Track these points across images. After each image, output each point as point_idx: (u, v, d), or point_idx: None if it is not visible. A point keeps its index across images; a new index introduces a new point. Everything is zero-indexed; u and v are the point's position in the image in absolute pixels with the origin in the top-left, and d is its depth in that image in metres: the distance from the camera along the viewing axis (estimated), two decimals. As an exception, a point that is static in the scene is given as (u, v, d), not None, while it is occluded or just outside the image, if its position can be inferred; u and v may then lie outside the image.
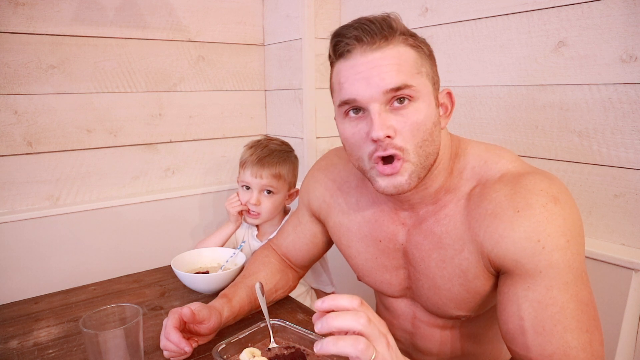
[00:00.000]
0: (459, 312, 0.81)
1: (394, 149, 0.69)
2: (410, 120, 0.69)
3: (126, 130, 1.57)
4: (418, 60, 0.71)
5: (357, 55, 0.69)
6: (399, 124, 0.69)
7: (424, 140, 0.70)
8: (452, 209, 0.77)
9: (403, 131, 0.69)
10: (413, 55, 0.70)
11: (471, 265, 0.75)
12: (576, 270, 0.67)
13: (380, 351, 0.56)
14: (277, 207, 1.29)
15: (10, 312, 0.99)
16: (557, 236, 0.66)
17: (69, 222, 1.45)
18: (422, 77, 0.71)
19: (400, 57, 0.69)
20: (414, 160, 0.71)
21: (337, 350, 0.55)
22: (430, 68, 0.73)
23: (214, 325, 0.84)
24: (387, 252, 0.86)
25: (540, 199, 0.67)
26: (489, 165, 0.75)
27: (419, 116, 0.70)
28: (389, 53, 0.69)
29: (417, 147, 0.70)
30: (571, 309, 0.65)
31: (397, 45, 0.69)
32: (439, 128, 0.73)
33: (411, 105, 0.69)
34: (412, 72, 0.69)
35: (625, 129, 0.99)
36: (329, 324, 0.56)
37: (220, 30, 1.72)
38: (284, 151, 1.31)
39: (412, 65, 0.70)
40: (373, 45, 0.69)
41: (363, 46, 0.69)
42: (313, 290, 1.40)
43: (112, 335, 0.70)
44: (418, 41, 0.72)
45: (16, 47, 1.34)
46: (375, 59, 0.68)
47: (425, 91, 0.71)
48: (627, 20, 0.96)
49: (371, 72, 0.68)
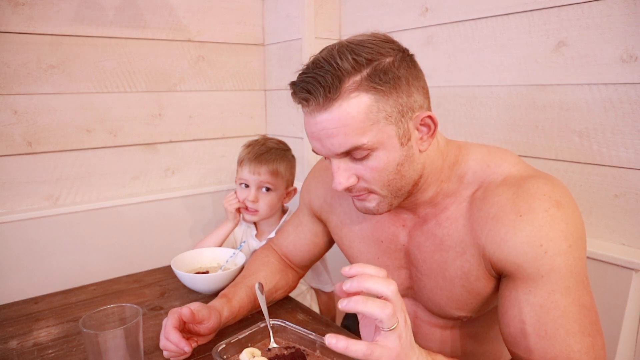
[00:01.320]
0: (460, 313, 0.81)
1: (358, 191, 0.73)
2: (370, 168, 0.70)
3: (126, 130, 1.57)
4: (373, 106, 0.66)
5: (308, 114, 0.70)
6: (360, 171, 0.71)
7: (390, 180, 0.71)
8: (454, 211, 0.76)
9: (365, 177, 0.71)
10: (366, 105, 0.66)
11: (473, 267, 0.74)
12: (578, 274, 0.67)
13: (400, 323, 0.57)
14: (275, 204, 1.29)
15: (10, 312, 0.99)
16: (560, 241, 0.66)
17: (69, 222, 1.45)
18: (379, 125, 0.67)
19: (348, 116, 0.66)
20: (384, 193, 0.73)
21: (365, 308, 0.55)
22: (394, 104, 0.67)
23: (214, 326, 0.84)
24: (389, 253, 0.86)
25: (543, 204, 0.67)
26: (492, 168, 0.75)
27: (379, 164, 0.70)
28: (335, 114, 0.66)
29: (383, 186, 0.72)
30: (573, 313, 0.65)
31: (346, 99, 0.65)
32: (410, 161, 0.71)
33: (371, 156, 0.69)
34: (364, 127, 0.67)
35: (626, 129, 0.99)
36: (360, 283, 0.57)
37: (220, 30, 1.72)
38: (282, 149, 1.31)
39: (362, 120, 0.66)
40: (319, 105, 0.67)
41: (310, 107, 0.68)
42: (312, 289, 1.40)
43: (112, 335, 0.70)
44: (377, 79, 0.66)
45: (16, 47, 1.34)
46: (322, 121, 0.68)
47: (384, 138, 0.68)
48: (628, 20, 0.96)
49: (321, 134, 0.69)
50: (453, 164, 0.77)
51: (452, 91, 1.32)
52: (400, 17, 1.43)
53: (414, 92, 0.70)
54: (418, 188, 0.76)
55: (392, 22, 1.46)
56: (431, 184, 0.77)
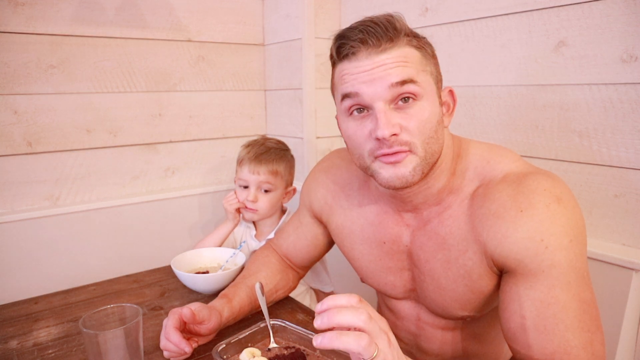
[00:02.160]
0: (464, 313, 0.81)
1: (400, 145, 0.69)
2: (416, 117, 0.69)
3: (126, 130, 1.57)
4: (422, 60, 0.72)
5: (363, 57, 0.69)
6: (405, 120, 0.69)
7: (430, 138, 0.71)
8: (456, 209, 0.77)
9: (409, 127, 0.69)
10: (418, 55, 0.71)
11: (475, 265, 0.75)
12: (578, 270, 0.67)
13: (381, 348, 0.55)
14: (275, 204, 1.30)
15: (10, 312, 0.99)
16: (560, 236, 0.66)
17: (69, 222, 1.45)
18: (427, 76, 0.72)
19: (406, 56, 0.70)
20: (421, 154, 0.70)
21: (340, 344, 0.53)
22: (434, 67, 0.74)
23: (214, 326, 0.84)
24: (391, 254, 0.86)
25: (544, 199, 0.67)
26: (492, 165, 0.75)
27: (424, 114, 0.70)
28: (395, 53, 0.69)
29: (423, 143, 0.70)
30: (573, 309, 0.65)
31: (402, 46, 0.70)
32: (442, 126, 0.74)
33: (416, 104, 0.70)
34: (418, 70, 0.70)
35: (626, 128, 0.99)
36: (330, 319, 0.55)
37: (220, 30, 1.72)
38: (281, 149, 1.32)
39: (417, 64, 0.71)
40: (379, 47, 0.69)
41: (368, 49, 0.69)
42: (312, 290, 1.40)
43: (112, 335, 0.70)
44: (421, 42, 0.73)
45: (16, 47, 1.34)
46: (381, 60, 0.69)
47: (429, 89, 0.71)
48: (628, 20, 0.96)
49: (377, 71, 0.68)
50: (457, 156, 0.78)
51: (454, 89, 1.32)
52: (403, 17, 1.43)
53: (439, 69, 0.76)
54: (434, 170, 0.75)
55: (392, 22, 1.45)
56: (443, 171, 0.77)
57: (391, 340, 0.58)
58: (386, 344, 0.56)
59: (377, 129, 0.68)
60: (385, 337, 0.57)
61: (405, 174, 0.70)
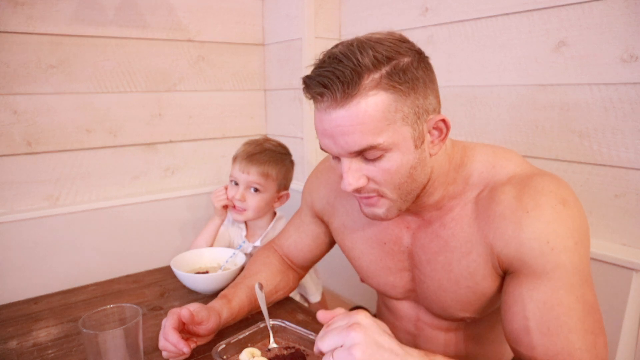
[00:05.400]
0: (464, 314, 0.81)
1: (368, 192, 0.72)
2: (382, 170, 0.68)
3: (126, 130, 1.57)
4: (391, 105, 0.65)
5: (322, 110, 0.67)
6: (371, 172, 0.69)
7: (401, 183, 0.70)
8: (459, 212, 0.76)
9: (376, 179, 0.70)
10: (384, 104, 0.65)
11: (479, 267, 0.74)
12: (582, 272, 0.67)
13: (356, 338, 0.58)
14: (263, 207, 1.26)
15: (10, 313, 0.99)
16: (566, 237, 0.66)
17: (69, 222, 1.44)
18: (395, 125, 0.66)
19: (365, 114, 0.64)
20: (393, 197, 0.72)
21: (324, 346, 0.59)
22: (412, 105, 0.66)
23: (213, 327, 0.83)
24: (392, 254, 0.86)
25: (550, 200, 0.67)
26: (497, 169, 0.75)
27: (393, 166, 0.68)
28: (352, 111, 0.64)
29: (394, 189, 0.71)
30: (577, 311, 0.65)
31: (365, 96, 0.64)
32: (422, 165, 0.71)
33: (383, 158, 0.68)
34: (381, 127, 0.65)
35: (626, 128, 0.99)
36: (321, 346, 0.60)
37: (220, 30, 1.71)
38: (279, 152, 1.28)
39: (379, 119, 0.65)
40: (335, 101, 0.65)
41: (325, 103, 0.66)
42: (300, 294, 1.38)
43: (112, 335, 0.70)
44: (397, 78, 0.65)
45: (15, 47, 1.34)
46: (338, 118, 0.65)
47: (399, 140, 0.67)
48: (628, 20, 0.96)
49: (335, 132, 0.66)
50: (459, 165, 0.77)
51: (452, 91, 1.32)
52: (401, 17, 1.43)
53: (430, 95, 0.69)
54: (425, 192, 0.76)
55: (392, 21, 1.46)
56: (438, 188, 0.76)
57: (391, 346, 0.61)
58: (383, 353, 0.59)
59: (341, 183, 0.70)
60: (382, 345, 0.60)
61: (380, 214, 0.74)
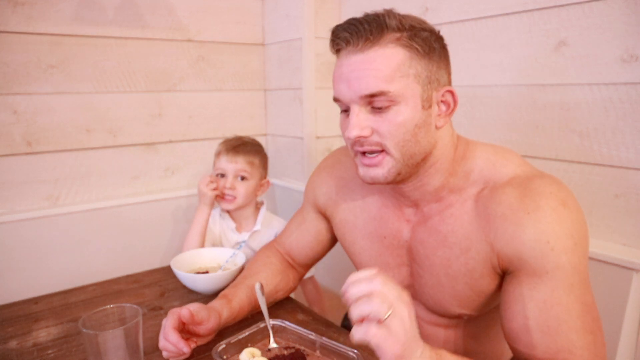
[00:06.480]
0: (462, 311, 0.81)
1: (370, 145, 0.73)
2: (388, 122, 0.71)
3: (126, 130, 1.57)
4: (406, 61, 0.70)
5: (343, 56, 0.72)
6: (377, 123, 0.72)
7: (405, 141, 0.72)
8: (458, 208, 0.77)
9: (380, 130, 0.72)
10: (400, 57, 0.70)
11: (478, 264, 0.75)
12: (581, 273, 0.68)
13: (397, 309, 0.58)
14: (250, 193, 1.35)
15: (10, 313, 0.99)
16: (566, 238, 0.67)
17: (68, 222, 1.44)
18: (407, 80, 0.70)
19: (383, 61, 0.69)
20: (396, 155, 0.73)
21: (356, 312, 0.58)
22: (425, 67, 0.71)
23: (213, 327, 0.84)
24: (391, 249, 0.86)
25: (550, 202, 0.68)
26: (497, 168, 0.76)
27: (398, 118, 0.71)
28: (371, 56, 0.69)
29: (397, 145, 0.72)
30: (576, 310, 0.66)
31: (384, 47, 0.69)
32: (427, 129, 0.73)
33: (390, 109, 0.71)
34: (394, 77, 0.69)
35: (626, 128, 0.99)
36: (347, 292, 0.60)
37: (220, 29, 1.71)
38: (257, 144, 1.41)
39: (394, 69, 0.69)
40: (357, 47, 0.70)
41: (348, 47, 0.71)
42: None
43: (112, 335, 0.70)
44: (416, 39, 0.70)
45: (15, 47, 1.34)
46: (356, 62, 0.70)
47: (409, 94, 0.71)
48: (628, 20, 0.96)
49: (351, 75, 0.70)
50: (461, 158, 0.79)
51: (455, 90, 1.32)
52: (400, 17, 1.43)
53: (442, 69, 0.74)
54: (427, 169, 0.77)
55: (392, 22, 1.45)
56: (439, 171, 0.77)
57: (411, 314, 0.60)
58: (405, 313, 0.59)
59: (347, 129, 0.73)
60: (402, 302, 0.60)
61: (378, 175, 0.75)
